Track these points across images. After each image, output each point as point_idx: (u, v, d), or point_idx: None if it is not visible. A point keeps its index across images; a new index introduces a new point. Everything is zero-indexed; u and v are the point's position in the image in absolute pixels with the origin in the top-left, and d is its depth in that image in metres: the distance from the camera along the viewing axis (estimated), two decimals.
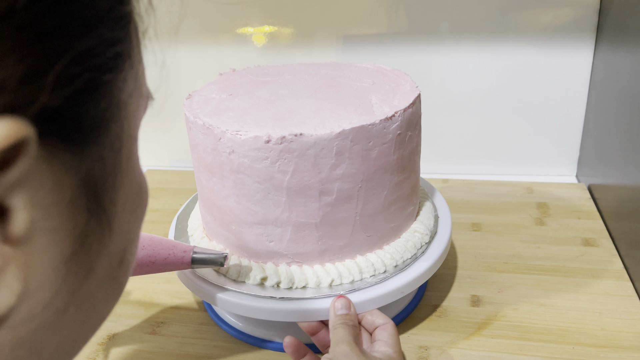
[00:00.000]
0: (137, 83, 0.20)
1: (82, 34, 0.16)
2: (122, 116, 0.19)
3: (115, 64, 0.18)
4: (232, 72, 0.62)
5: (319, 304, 0.49)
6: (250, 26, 0.88)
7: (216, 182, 0.50)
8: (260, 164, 0.46)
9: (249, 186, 0.48)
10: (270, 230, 0.50)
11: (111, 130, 0.18)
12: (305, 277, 0.51)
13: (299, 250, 0.51)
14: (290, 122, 0.47)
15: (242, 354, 0.56)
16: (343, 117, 0.48)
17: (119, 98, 0.19)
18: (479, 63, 0.84)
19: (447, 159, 0.93)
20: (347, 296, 0.49)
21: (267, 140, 0.45)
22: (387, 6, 0.83)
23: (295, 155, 0.46)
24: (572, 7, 0.78)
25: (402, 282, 0.51)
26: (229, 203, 0.50)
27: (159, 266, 0.47)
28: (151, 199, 0.97)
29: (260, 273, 0.51)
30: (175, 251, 0.48)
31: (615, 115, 0.71)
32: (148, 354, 0.57)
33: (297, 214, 0.49)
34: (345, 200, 0.49)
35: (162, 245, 0.48)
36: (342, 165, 0.47)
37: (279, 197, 0.48)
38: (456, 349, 0.55)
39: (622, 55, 0.69)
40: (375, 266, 0.52)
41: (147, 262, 0.47)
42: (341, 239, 0.51)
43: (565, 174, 0.91)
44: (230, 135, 0.47)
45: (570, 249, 0.68)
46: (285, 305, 0.49)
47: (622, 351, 0.53)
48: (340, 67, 0.62)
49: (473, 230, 0.74)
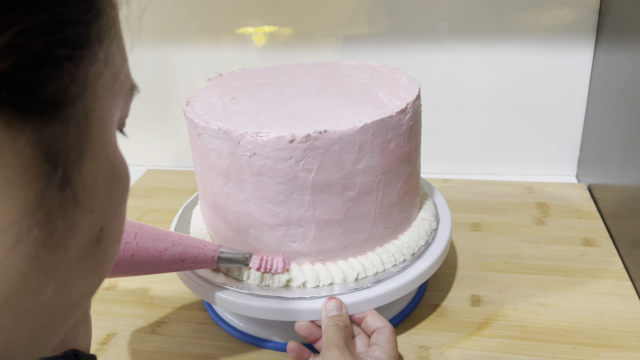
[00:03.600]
0: (109, 68, 0.21)
1: (37, 10, 0.17)
2: (88, 96, 0.20)
3: (76, 43, 0.19)
4: (219, 76, 0.61)
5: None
6: (250, 26, 0.88)
7: (233, 187, 0.49)
8: (284, 164, 0.46)
9: (271, 188, 0.47)
10: (293, 230, 0.50)
11: (76, 107, 0.19)
12: (331, 274, 0.51)
13: (323, 247, 0.51)
14: (309, 120, 0.47)
15: (242, 353, 0.56)
16: (359, 112, 0.49)
17: (84, 78, 0.19)
18: (479, 63, 0.84)
19: (447, 159, 0.93)
20: (341, 297, 0.49)
21: (291, 140, 0.45)
22: (387, 6, 0.83)
23: (320, 153, 0.46)
24: (572, 7, 0.78)
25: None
26: (248, 207, 0.49)
27: (189, 264, 0.48)
28: (151, 199, 0.97)
29: (285, 275, 0.51)
30: (205, 250, 0.48)
31: (615, 115, 0.71)
32: (148, 353, 0.57)
33: (320, 212, 0.49)
34: (366, 194, 0.50)
35: (191, 244, 0.48)
36: (364, 159, 0.48)
37: (302, 196, 0.48)
38: (456, 348, 0.55)
39: (622, 55, 0.69)
40: (395, 256, 0.53)
41: (178, 260, 0.47)
42: (363, 232, 0.52)
43: (565, 174, 0.91)
44: (250, 138, 0.46)
45: (570, 248, 0.68)
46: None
47: (622, 351, 0.53)
48: (330, 66, 0.62)
49: (473, 230, 0.74)
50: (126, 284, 0.67)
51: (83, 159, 0.20)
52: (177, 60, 0.93)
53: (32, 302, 0.20)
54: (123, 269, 0.45)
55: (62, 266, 0.20)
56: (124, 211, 0.24)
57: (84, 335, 0.44)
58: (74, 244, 0.21)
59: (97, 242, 0.22)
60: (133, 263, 0.45)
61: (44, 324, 0.21)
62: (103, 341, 0.58)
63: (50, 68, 0.18)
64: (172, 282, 0.66)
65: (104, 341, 0.58)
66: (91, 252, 0.22)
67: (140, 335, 0.59)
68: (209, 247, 0.49)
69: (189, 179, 0.93)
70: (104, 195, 0.22)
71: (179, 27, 0.90)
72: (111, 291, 0.66)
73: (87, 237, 0.21)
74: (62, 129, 0.19)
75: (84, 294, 0.23)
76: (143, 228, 0.46)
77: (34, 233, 0.19)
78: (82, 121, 0.20)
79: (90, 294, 0.24)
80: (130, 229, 0.46)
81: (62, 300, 0.21)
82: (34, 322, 0.20)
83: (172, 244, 0.47)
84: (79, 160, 0.20)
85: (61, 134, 0.19)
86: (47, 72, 0.18)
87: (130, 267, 0.46)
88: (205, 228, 0.58)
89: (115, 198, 0.23)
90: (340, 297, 0.50)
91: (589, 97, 0.83)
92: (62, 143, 0.19)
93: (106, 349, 0.57)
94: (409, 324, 0.58)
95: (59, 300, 0.21)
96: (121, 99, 0.23)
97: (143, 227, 0.47)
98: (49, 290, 0.20)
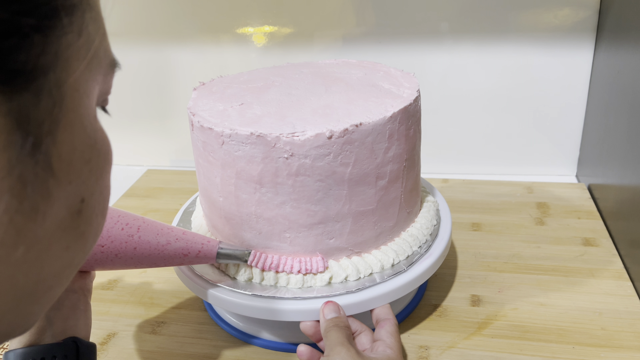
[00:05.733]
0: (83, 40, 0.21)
1: None
2: (60, 67, 0.20)
3: (43, 13, 0.19)
4: (202, 85, 0.58)
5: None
6: (250, 26, 0.88)
7: (265, 192, 0.48)
8: (322, 161, 0.46)
9: (309, 187, 0.47)
10: (330, 227, 0.50)
11: (48, 78, 0.20)
12: (369, 265, 0.52)
13: (358, 239, 0.52)
14: (337, 115, 0.48)
15: (243, 353, 0.56)
16: (380, 103, 0.50)
17: (55, 49, 0.20)
18: (479, 63, 0.85)
19: (447, 159, 0.93)
20: (381, 285, 0.50)
21: (330, 136, 0.46)
22: (388, 6, 0.83)
23: (356, 145, 0.47)
24: (572, 7, 0.78)
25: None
26: (284, 210, 0.49)
27: (192, 258, 0.48)
28: (151, 199, 0.97)
29: (326, 273, 0.51)
30: (208, 246, 0.49)
31: (615, 115, 0.71)
32: (148, 353, 0.57)
33: (356, 204, 0.49)
34: (394, 181, 0.51)
35: (194, 239, 0.48)
36: (393, 147, 0.49)
37: (340, 191, 0.48)
38: (456, 348, 0.55)
39: (622, 55, 0.69)
40: (419, 238, 0.55)
41: (180, 254, 0.48)
42: (391, 219, 0.53)
43: (565, 174, 0.91)
44: (286, 139, 0.45)
45: (570, 248, 0.68)
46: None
47: (622, 351, 0.53)
48: (312, 65, 0.62)
49: (473, 230, 0.74)
50: (126, 284, 0.67)
51: (57, 129, 0.21)
52: (177, 60, 0.93)
53: (11, 268, 0.20)
54: (124, 261, 0.46)
55: (40, 234, 0.21)
56: (107, 185, 0.25)
57: (84, 324, 0.45)
58: (53, 213, 0.21)
59: (79, 213, 0.23)
60: (135, 256, 0.46)
61: (27, 292, 0.22)
62: (103, 341, 0.58)
63: (18, 37, 0.18)
64: (172, 282, 0.66)
65: (104, 341, 0.58)
66: (73, 223, 0.22)
67: (140, 335, 0.59)
68: (212, 243, 0.49)
69: (189, 179, 0.93)
70: (82, 167, 0.22)
71: (179, 27, 0.90)
72: (111, 291, 0.66)
73: (67, 208, 0.22)
74: (34, 98, 0.19)
75: (68, 264, 0.24)
76: (146, 222, 0.47)
77: (5, 198, 0.19)
78: (55, 92, 0.20)
79: (74, 266, 0.24)
80: (133, 222, 0.46)
81: (44, 269, 0.22)
82: (16, 289, 0.21)
83: (175, 238, 0.47)
84: (53, 130, 0.20)
85: (33, 104, 0.19)
86: (15, 42, 0.18)
87: (132, 260, 0.46)
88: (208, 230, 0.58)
89: (95, 170, 0.23)
90: (381, 285, 0.50)
91: (589, 97, 0.83)
92: (34, 112, 0.19)
93: (106, 349, 0.57)
94: (409, 324, 0.58)
95: (40, 268, 0.22)
96: (100, 74, 0.23)
97: (146, 221, 0.47)
98: (28, 258, 0.21)
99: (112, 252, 0.45)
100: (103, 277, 0.68)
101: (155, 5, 0.89)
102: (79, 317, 0.44)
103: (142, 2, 0.88)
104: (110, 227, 0.45)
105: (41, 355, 0.40)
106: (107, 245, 0.45)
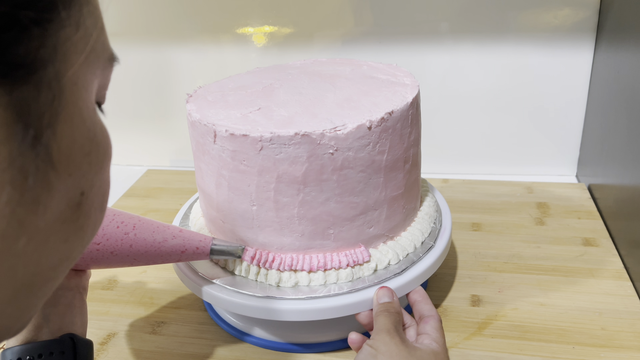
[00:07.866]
0: (81, 33, 0.22)
1: None
2: (59, 60, 0.20)
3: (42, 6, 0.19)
4: (190, 96, 0.55)
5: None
6: (250, 26, 0.88)
7: (309, 192, 0.48)
8: (363, 152, 0.48)
9: (352, 179, 0.48)
10: (370, 216, 0.51)
11: (47, 71, 0.20)
12: (404, 247, 0.54)
13: (392, 224, 0.53)
14: (364, 106, 0.49)
15: (243, 353, 0.56)
16: (393, 91, 0.52)
17: (54, 42, 0.20)
18: (478, 63, 0.85)
19: (447, 159, 0.93)
20: (419, 264, 0.52)
21: (369, 126, 0.47)
22: (388, 6, 0.83)
23: (390, 133, 0.49)
24: (572, 7, 0.78)
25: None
26: (328, 207, 0.49)
27: (189, 255, 0.49)
28: (151, 199, 0.97)
29: (372, 262, 0.52)
30: (205, 243, 0.49)
31: (615, 115, 0.71)
32: (148, 353, 0.57)
33: (390, 189, 0.51)
34: (415, 163, 0.54)
35: (191, 236, 0.49)
36: (414, 131, 0.52)
37: (377, 179, 0.50)
38: (456, 348, 0.55)
39: (622, 55, 0.69)
40: (433, 215, 0.59)
41: (178, 251, 0.48)
42: (414, 200, 0.56)
43: (565, 174, 0.91)
44: (330, 134, 0.46)
45: (570, 248, 0.68)
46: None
47: (622, 351, 0.53)
48: (292, 67, 0.62)
49: (473, 230, 0.74)
50: (126, 284, 0.67)
51: (57, 121, 0.21)
52: (177, 60, 0.93)
53: (12, 260, 0.20)
54: (121, 259, 0.46)
55: (41, 226, 0.21)
56: (106, 178, 0.25)
57: (80, 321, 0.45)
58: (53, 205, 0.21)
59: (78, 206, 0.23)
60: (131, 253, 0.46)
61: (25, 284, 0.22)
62: (103, 341, 0.58)
63: (18, 30, 0.18)
64: (172, 282, 0.66)
65: (104, 341, 0.58)
66: (72, 216, 0.23)
67: (140, 335, 0.59)
68: (208, 240, 0.50)
69: (189, 179, 0.93)
70: (82, 160, 0.22)
71: (179, 27, 0.90)
72: (111, 291, 0.66)
73: (67, 200, 0.22)
74: (34, 91, 0.19)
75: (66, 257, 0.24)
76: (142, 220, 0.47)
77: (7, 190, 0.19)
78: (54, 84, 0.20)
79: (72, 259, 0.24)
80: (129, 220, 0.47)
81: (43, 261, 0.22)
82: (15, 281, 0.21)
83: (172, 236, 0.48)
84: (53, 123, 0.21)
85: (33, 96, 0.19)
86: (15, 35, 0.18)
87: (128, 258, 0.47)
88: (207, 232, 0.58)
89: (95, 164, 0.23)
90: (420, 263, 0.53)
91: (589, 97, 0.83)
92: (34, 105, 0.20)
93: (106, 349, 0.57)
94: None
95: (39, 260, 0.22)
96: (98, 68, 0.24)
97: (142, 220, 0.48)
98: (28, 249, 0.21)
99: (107, 250, 0.45)
100: (103, 277, 0.68)
101: (155, 5, 0.89)
102: (75, 315, 0.45)
103: (142, 2, 0.88)
104: (105, 225, 0.45)
105: (38, 352, 0.40)
106: (102, 243, 0.45)
